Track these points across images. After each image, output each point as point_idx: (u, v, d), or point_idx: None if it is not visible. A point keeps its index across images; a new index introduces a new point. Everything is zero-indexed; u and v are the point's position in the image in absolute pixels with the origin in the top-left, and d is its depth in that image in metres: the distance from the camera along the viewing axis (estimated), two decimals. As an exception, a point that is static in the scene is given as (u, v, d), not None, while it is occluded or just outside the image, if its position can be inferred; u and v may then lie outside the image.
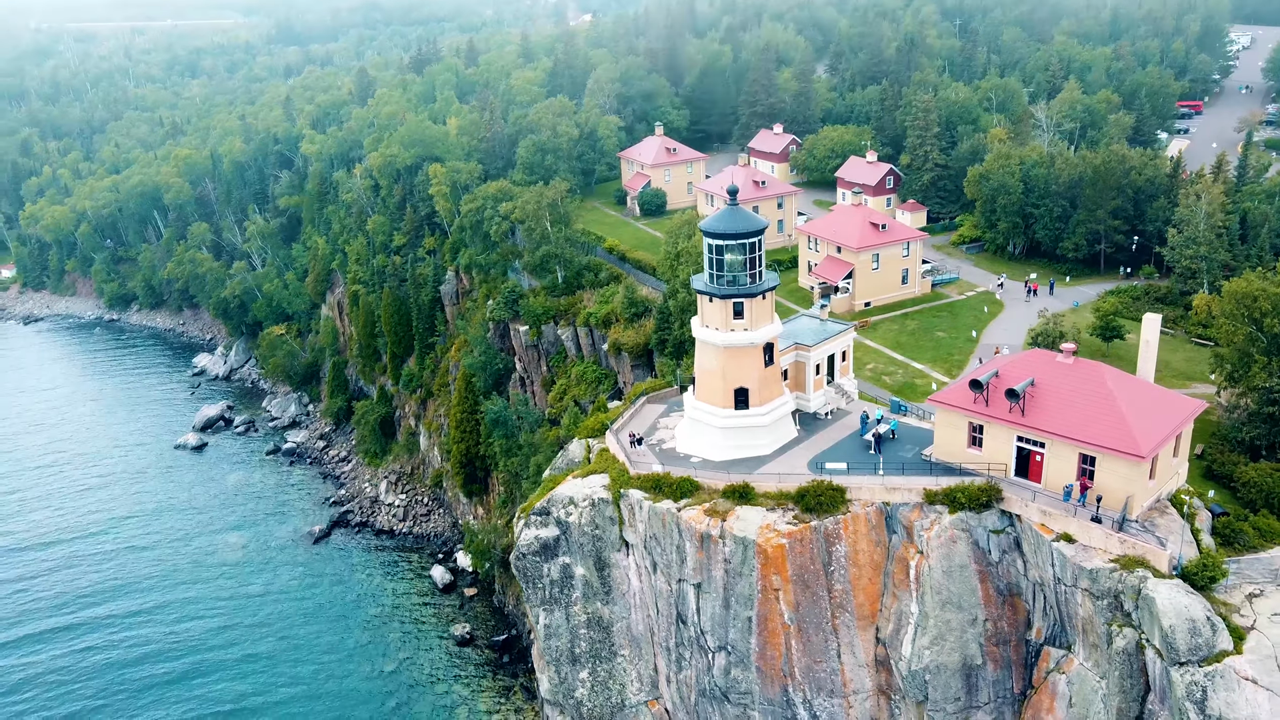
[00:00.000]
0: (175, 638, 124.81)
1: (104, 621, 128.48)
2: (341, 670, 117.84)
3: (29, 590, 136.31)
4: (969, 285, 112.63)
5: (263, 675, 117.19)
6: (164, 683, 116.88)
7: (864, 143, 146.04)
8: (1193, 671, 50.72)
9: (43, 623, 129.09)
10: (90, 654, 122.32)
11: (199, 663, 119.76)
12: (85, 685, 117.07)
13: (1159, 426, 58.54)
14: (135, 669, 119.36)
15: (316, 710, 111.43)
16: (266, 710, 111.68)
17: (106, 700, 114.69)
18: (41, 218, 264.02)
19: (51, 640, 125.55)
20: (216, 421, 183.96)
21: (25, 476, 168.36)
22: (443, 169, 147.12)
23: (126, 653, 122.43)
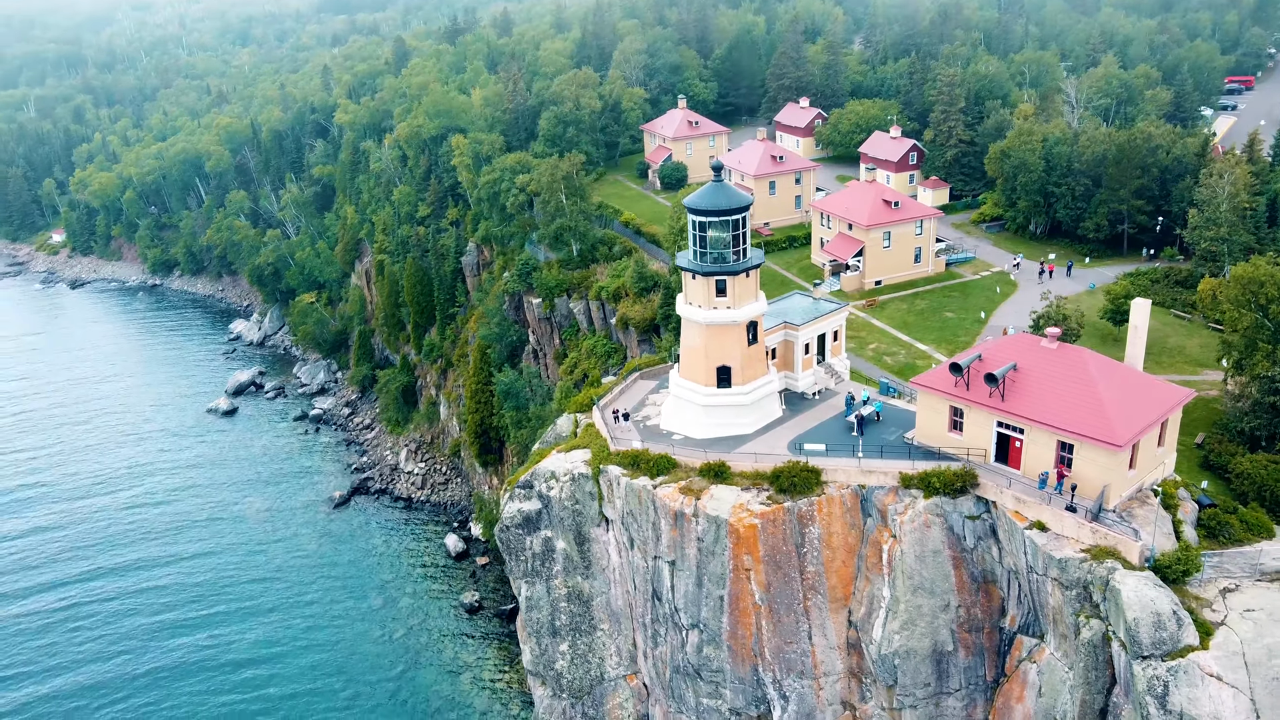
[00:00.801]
0: (194, 589, 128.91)
1: (128, 569, 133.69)
2: (353, 632, 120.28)
3: (61, 537, 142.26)
4: (985, 265, 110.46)
5: (277, 632, 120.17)
6: (180, 629, 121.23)
7: (890, 117, 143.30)
8: (1155, 666, 49.70)
9: (70, 567, 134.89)
10: (111, 599, 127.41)
11: (216, 614, 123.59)
12: (106, 627, 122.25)
13: (1140, 415, 57.07)
14: (154, 615, 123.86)
15: (326, 670, 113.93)
16: (278, 666, 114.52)
17: (124, 641, 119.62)
18: (90, 184, 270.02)
19: (77, 584, 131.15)
20: (248, 386, 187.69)
21: (64, 431, 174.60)
22: (465, 140, 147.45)
23: (146, 599, 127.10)
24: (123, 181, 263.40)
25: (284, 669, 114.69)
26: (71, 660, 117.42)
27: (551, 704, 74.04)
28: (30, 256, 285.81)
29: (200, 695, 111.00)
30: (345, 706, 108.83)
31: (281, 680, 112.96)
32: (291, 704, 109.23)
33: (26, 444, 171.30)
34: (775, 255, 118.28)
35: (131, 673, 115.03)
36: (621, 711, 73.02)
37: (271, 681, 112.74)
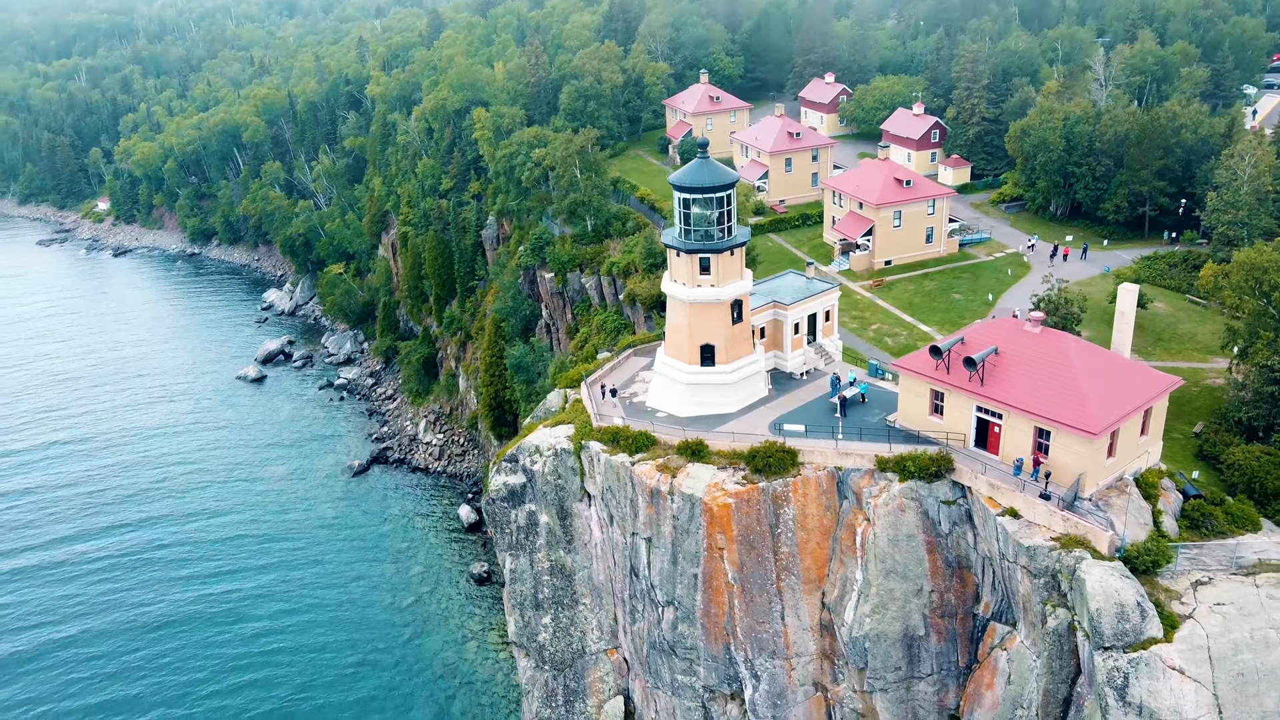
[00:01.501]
0: (214, 547, 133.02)
1: (152, 524, 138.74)
2: (364, 599, 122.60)
3: (90, 491, 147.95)
4: (1000, 246, 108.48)
5: (291, 593, 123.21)
6: (198, 585, 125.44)
7: (915, 94, 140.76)
8: (1116, 657, 48.97)
9: (97, 520, 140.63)
10: (134, 553, 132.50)
11: (233, 572, 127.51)
12: (127, 579, 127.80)
13: (1120, 403, 55.88)
14: (173, 570, 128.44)
15: (336, 632, 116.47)
16: (289, 626, 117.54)
17: (143, 592, 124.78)
18: (133, 153, 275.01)
19: (102, 536, 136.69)
20: (277, 355, 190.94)
21: (100, 391, 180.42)
22: (487, 113, 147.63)
23: (167, 554, 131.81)
24: (164, 151, 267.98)
25: (295, 629, 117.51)
26: (90, 609, 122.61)
27: (534, 675, 74.94)
28: (76, 224, 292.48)
29: (213, 648, 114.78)
30: (352, 668, 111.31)
31: (291, 640, 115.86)
32: (300, 663, 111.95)
33: (64, 403, 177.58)
34: (788, 233, 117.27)
35: (149, 622, 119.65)
36: (602, 685, 73.70)
37: (282, 640, 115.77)
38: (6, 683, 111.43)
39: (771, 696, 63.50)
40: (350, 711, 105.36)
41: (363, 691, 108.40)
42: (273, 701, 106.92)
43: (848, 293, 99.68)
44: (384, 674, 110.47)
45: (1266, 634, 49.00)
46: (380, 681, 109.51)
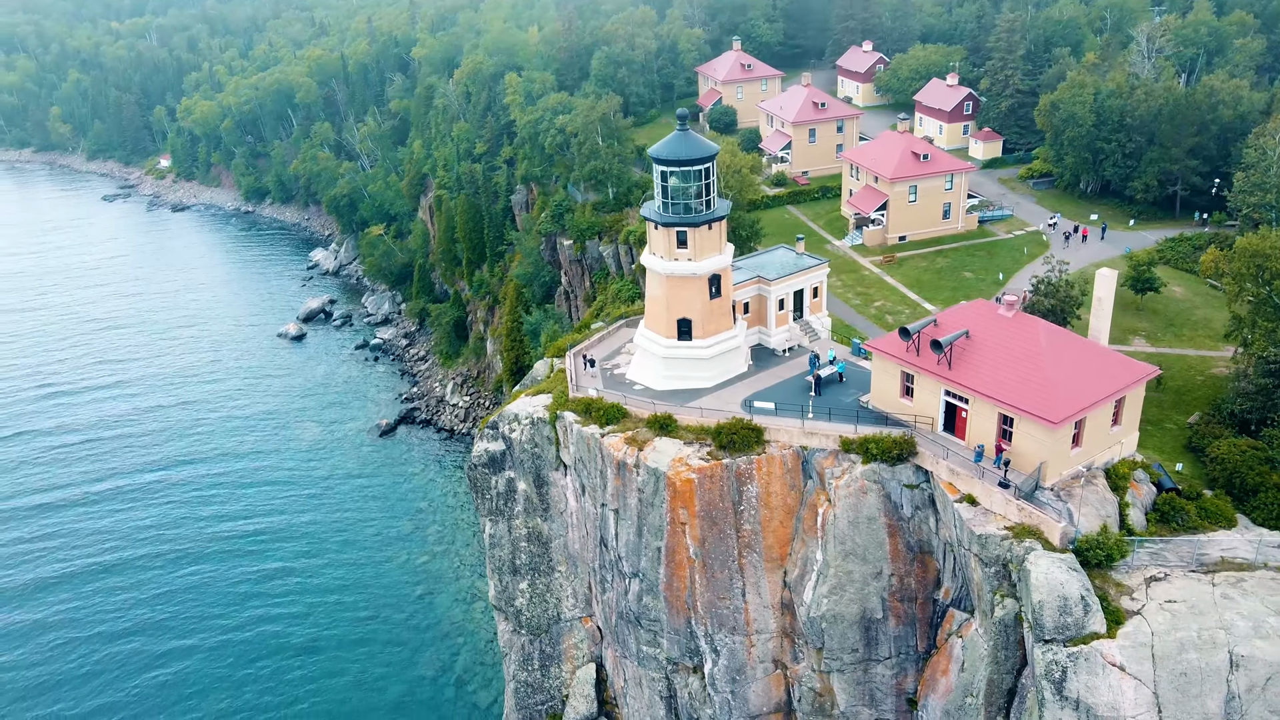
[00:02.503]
0: (239, 494, 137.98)
1: (181, 466, 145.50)
2: (380, 554, 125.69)
3: (127, 435, 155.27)
4: (1021, 224, 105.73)
5: (310, 545, 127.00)
6: (220, 531, 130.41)
7: (951, 64, 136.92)
8: (1056, 650, 48.12)
9: (128, 459, 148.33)
10: (163, 496, 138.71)
11: (255, 521, 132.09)
12: (153, 520, 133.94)
13: (1087, 392, 54.37)
14: (199, 516, 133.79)
15: (350, 586, 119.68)
16: (305, 577, 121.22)
17: (167, 527, 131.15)
18: (194, 111, 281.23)
19: (134, 474, 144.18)
20: (317, 314, 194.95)
21: (147, 342, 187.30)
22: (518, 78, 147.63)
23: (193, 495, 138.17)
24: (223, 110, 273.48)
25: (311, 577, 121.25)
26: (119, 540, 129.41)
27: (512, 639, 76.27)
28: (140, 180, 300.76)
29: (231, 589, 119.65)
30: (362, 619, 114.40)
31: (307, 587, 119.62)
32: (313, 614, 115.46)
33: (115, 349, 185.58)
34: (806, 205, 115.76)
35: (173, 556, 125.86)
36: (577, 652, 74.73)
37: (298, 587, 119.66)
38: (42, 597, 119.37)
39: (730, 672, 63.77)
40: (357, 664, 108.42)
41: (370, 643, 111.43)
42: (283, 647, 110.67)
43: (856, 268, 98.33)
44: (392, 628, 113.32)
45: (1215, 634, 47.64)
46: (388, 635, 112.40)
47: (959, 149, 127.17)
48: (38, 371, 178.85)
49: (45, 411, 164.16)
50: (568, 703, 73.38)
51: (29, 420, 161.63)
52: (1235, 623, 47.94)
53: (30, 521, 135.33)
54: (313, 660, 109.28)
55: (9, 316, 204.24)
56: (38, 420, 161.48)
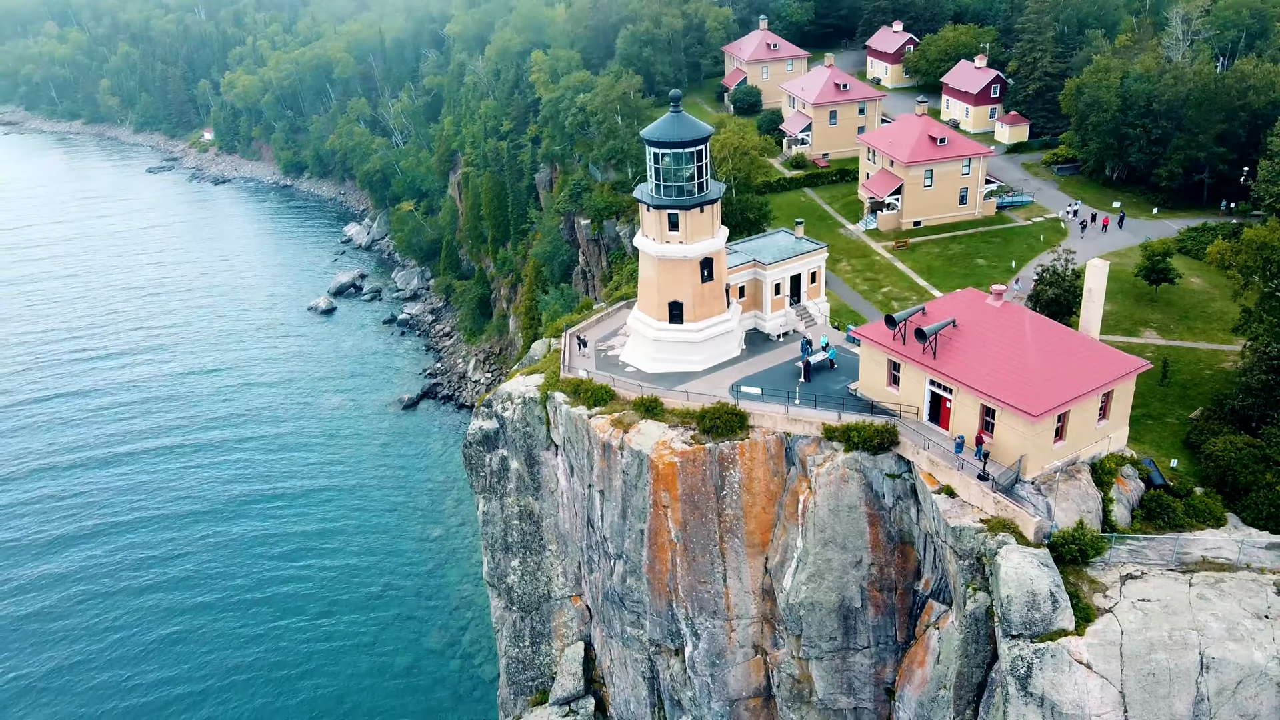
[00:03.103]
0: (259, 461, 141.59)
1: (205, 429, 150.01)
2: (396, 527, 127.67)
3: (152, 395, 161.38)
4: (1041, 210, 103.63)
5: (328, 515, 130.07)
6: (243, 497, 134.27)
7: (982, 45, 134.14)
8: (1023, 646, 47.56)
9: (154, 420, 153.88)
10: (190, 460, 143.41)
11: (276, 489, 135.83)
12: (177, 473, 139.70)
13: (1072, 385, 53.37)
14: (223, 480, 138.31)
15: (365, 557, 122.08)
16: (322, 547, 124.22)
17: (191, 488, 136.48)
18: (236, 85, 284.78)
19: (160, 435, 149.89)
20: (348, 288, 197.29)
21: (181, 310, 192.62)
22: (544, 56, 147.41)
23: (219, 463, 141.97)
24: (264, 84, 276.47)
25: (327, 548, 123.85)
26: (143, 497, 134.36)
27: (504, 615, 77.09)
28: (183, 152, 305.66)
29: (249, 556, 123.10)
30: (375, 591, 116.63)
31: (323, 557, 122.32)
32: (328, 580, 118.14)
33: (151, 314, 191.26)
34: (824, 188, 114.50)
35: (195, 516, 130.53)
36: (567, 630, 75.35)
37: (315, 556, 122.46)
38: (68, 551, 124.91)
39: (710, 655, 63.91)
40: (367, 632, 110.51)
41: (382, 612, 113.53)
42: (298, 610, 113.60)
43: (868, 253, 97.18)
44: (403, 598, 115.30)
45: (1187, 635, 46.75)
46: (399, 606, 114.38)
47: (985, 133, 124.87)
48: (76, 334, 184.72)
49: (81, 373, 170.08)
50: (555, 680, 74.12)
51: (66, 381, 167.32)
52: (1209, 624, 47.01)
53: (60, 478, 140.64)
54: (326, 625, 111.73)
55: (52, 282, 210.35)
56: (75, 381, 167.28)
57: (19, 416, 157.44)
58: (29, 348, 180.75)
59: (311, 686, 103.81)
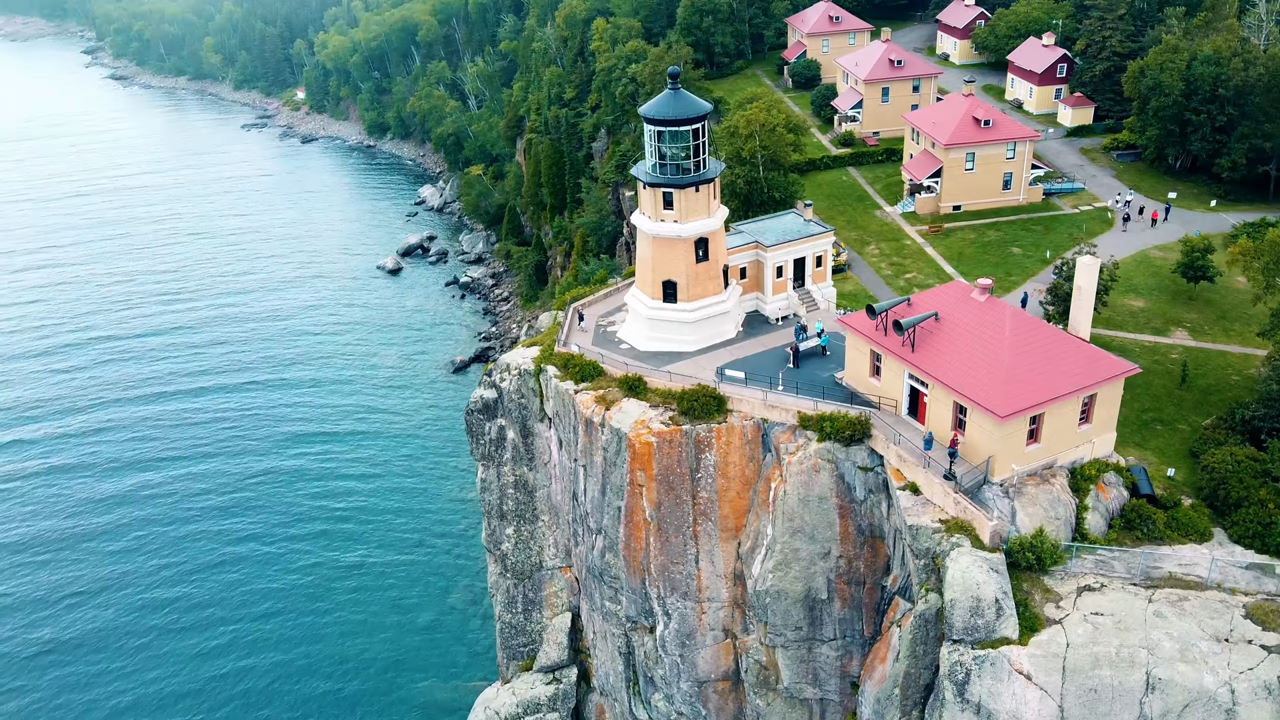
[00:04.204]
0: (311, 415, 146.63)
1: (261, 380, 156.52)
2: (434, 486, 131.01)
3: (215, 340, 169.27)
4: (1092, 198, 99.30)
5: (371, 469, 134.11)
6: (290, 440, 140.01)
7: (1054, 21, 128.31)
8: (962, 652, 46.57)
9: (215, 367, 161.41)
10: (239, 400, 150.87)
11: (323, 440, 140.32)
12: (229, 420, 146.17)
13: (1047, 386, 51.50)
14: (275, 427, 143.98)
15: (402, 514, 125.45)
16: (362, 498, 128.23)
17: (240, 436, 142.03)
18: (327, 45, 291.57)
19: (220, 374, 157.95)
20: (416, 249, 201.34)
21: (256, 260, 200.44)
22: (605, 24, 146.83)
23: (269, 409, 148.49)
24: (353, 45, 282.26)
25: (365, 501, 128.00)
26: (194, 441, 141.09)
27: (499, 580, 78.61)
28: (277, 110, 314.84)
29: (293, 495, 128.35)
30: (409, 547, 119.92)
31: (361, 510, 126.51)
32: (364, 533, 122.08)
33: (227, 264, 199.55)
34: (868, 168, 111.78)
35: (246, 463, 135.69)
36: (557, 600, 76.45)
37: (353, 508, 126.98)
38: (122, 478, 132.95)
39: (681, 636, 64.15)
40: (396, 587, 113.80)
41: (411, 569, 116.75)
42: (332, 561, 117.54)
43: (899, 236, 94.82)
44: (433, 557, 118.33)
45: (1135, 653, 45.04)
46: (428, 563, 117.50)
47: (1048, 114, 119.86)
48: (163, 277, 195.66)
49: (164, 312, 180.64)
50: (540, 648, 75.40)
51: (150, 320, 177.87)
52: (1161, 643, 45.21)
53: (128, 408, 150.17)
54: (357, 572, 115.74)
55: (146, 226, 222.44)
56: (157, 319, 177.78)
57: (112, 349, 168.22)
58: (125, 286, 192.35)
59: (336, 633, 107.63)
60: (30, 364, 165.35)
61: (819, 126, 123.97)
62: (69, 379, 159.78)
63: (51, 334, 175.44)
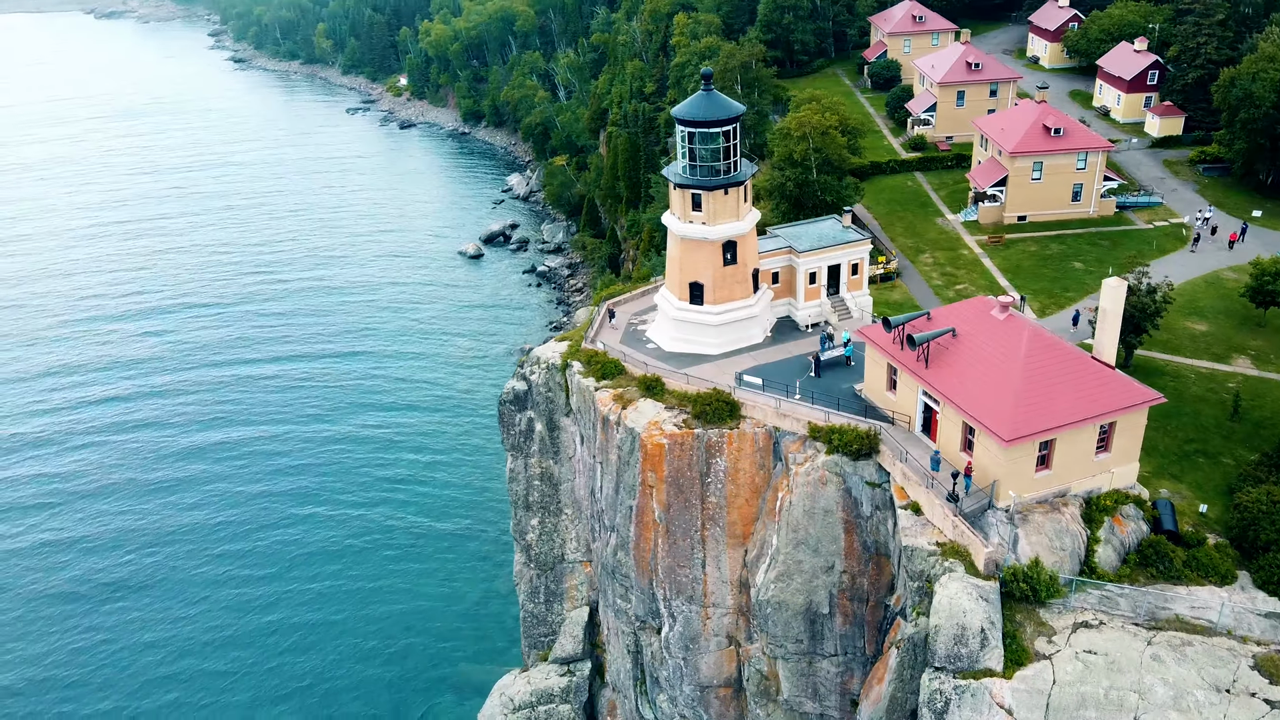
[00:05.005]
0: (380, 392, 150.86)
1: (333, 350, 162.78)
2: (489, 473, 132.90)
3: (297, 313, 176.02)
4: (1170, 214, 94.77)
5: (429, 455, 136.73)
6: (356, 412, 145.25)
7: (1151, 25, 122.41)
8: (943, 680, 45.26)
9: (291, 331, 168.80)
10: (308, 374, 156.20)
11: (389, 418, 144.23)
12: (299, 389, 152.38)
13: (1059, 412, 49.49)
14: (344, 394, 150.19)
15: (456, 500, 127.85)
16: (421, 475, 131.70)
17: (307, 405, 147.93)
18: (430, 33, 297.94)
19: (305, 346, 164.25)
20: (497, 236, 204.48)
21: (340, 242, 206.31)
22: (686, 19, 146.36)
23: (341, 379, 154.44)
24: (453, 33, 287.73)
25: (427, 478, 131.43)
26: (275, 414, 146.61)
27: (523, 570, 79.67)
28: (380, 96, 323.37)
29: (354, 471, 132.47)
30: (462, 527, 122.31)
31: (422, 487, 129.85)
32: (419, 508, 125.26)
33: (315, 244, 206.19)
34: (935, 174, 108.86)
35: (318, 425, 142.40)
36: (577, 593, 77.10)
37: (414, 482, 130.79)
38: (216, 429, 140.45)
39: (685, 640, 63.95)
40: (444, 567, 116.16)
41: (462, 549, 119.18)
42: (388, 543, 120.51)
43: (956, 246, 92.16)
44: (482, 544, 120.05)
45: (1126, 696, 43.04)
46: (477, 548, 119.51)
47: (1135, 123, 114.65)
48: (259, 251, 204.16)
49: (252, 283, 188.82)
50: (556, 640, 76.15)
51: (237, 290, 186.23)
52: (1154, 688, 43.13)
53: (213, 371, 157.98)
54: (410, 550, 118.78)
55: (247, 201, 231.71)
56: (247, 289, 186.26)
57: (205, 314, 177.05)
58: (223, 255, 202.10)
59: (383, 602, 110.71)
60: (130, 325, 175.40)
61: (892, 129, 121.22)
62: (164, 340, 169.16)
63: (153, 297, 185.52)
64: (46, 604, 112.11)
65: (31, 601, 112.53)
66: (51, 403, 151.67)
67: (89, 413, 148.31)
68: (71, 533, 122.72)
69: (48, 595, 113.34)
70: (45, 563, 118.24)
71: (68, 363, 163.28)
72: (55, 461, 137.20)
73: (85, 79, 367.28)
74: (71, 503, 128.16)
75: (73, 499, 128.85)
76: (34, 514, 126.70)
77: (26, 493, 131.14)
